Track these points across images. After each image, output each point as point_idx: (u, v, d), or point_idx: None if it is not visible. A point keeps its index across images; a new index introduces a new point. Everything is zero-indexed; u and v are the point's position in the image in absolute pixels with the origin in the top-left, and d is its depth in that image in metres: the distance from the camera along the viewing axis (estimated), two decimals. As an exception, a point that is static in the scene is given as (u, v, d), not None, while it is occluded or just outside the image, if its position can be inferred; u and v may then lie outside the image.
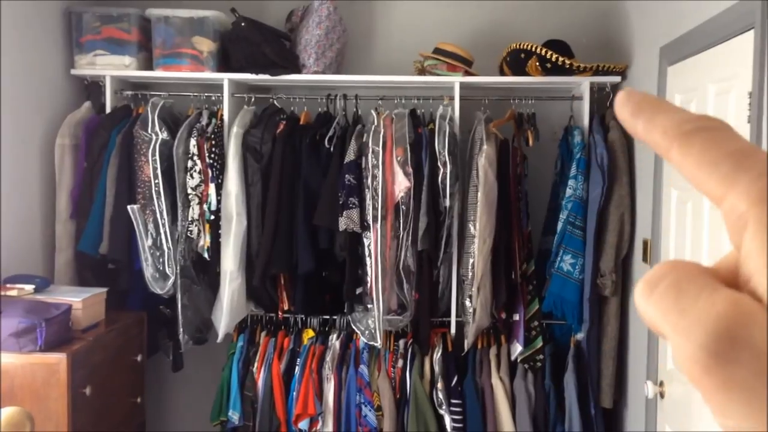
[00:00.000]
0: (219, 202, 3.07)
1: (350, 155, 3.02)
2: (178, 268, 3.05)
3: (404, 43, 3.48)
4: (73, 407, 2.42)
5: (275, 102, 3.34)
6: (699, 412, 2.16)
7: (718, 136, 0.26)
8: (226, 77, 3.22)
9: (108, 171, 3.08)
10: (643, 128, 0.28)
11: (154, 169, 3.03)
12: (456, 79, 3.16)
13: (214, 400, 3.24)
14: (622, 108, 0.29)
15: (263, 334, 3.31)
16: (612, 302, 3.00)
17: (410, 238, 2.99)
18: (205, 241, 3.09)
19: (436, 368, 3.14)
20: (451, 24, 3.47)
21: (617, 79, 3.13)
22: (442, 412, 3.08)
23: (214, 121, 3.20)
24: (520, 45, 3.12)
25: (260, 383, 3.17)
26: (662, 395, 2.48)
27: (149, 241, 3.07)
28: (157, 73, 3.26)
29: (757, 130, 1.78)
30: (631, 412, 2.98)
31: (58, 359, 2.40)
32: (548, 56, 3.08)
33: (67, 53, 3.26)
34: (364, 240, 3.03)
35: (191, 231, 3.08)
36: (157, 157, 3.03)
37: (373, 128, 3.05)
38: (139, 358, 3.02)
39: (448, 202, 2.99)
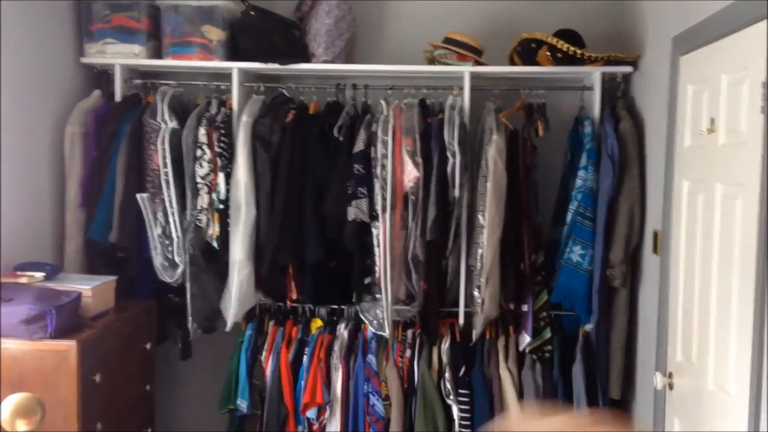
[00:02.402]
0: (228, 191, 3.07)
1: (359, 145, 3.02)
2: (187, 257, 3.06)
3: (414, 32, 3.46)
4: (82, 394, 2.44)
5: (284, 91, 3.33)
6: (708, 404, 2.15)
7: None
8: (235, 66, 3.22)
9: (117, 159, 3.08)
10: None
11: (164, 158, 3.03)
12: (466, 69, 3.14)
13: (223, 389, 3.26)
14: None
15: (272, 323, 3.32)
16: (621, 293, 2.99)
17: (419, 228, 2.99)
18: (214, 230, 3.10)
19: (444, 358, 3.14)
20: (461, 13, 3.45)
21: (629, 69, 3.11)
22: (449, 402, 3.09)
23: (223, 110, 3.19)
24: (530, 35, 3.10)
25: (268, 372, 3.18)
26: (671, 387, 2.47)
27: (158, 230, 3.08)
28: (167, 62, 3.25)
29: (771, 120, 1.76)
30: (640, 403, 2.97)
31: (68, 346, 2.41)
32: (559, 46, 3.06)
33: (77, 41, 3.27)
34: (373, 230, 3.02)
35: (200, 220, 3.08)
36: (167, 146, 3.03)
37: (382, 118, 3.04)
38: (148, 346, 3.03)
39: (457, 193, 2.98)
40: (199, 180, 3.08)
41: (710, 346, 2.13)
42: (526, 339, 3.12)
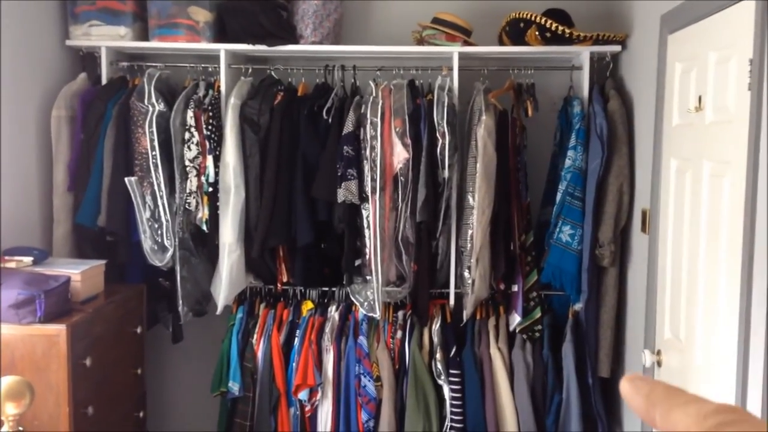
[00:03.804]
0: (217, 174, 3.06)
1: (348, 126, 3.01)
2: (176, 240, 3.05)
3: (402, 12, 3.44)
4: (73, 378, 2.44)
5: (272, 73, 3.31)
6: (696, 381, 2.17)
7: (743, 428, 0.27)
8: (222, 48, 3.19)
9: (105, 143, 3.06)
10: (661, 424, 0.28)
11: (151, 140, 3.01)
12: (455, 49, 3.13)
13: (214, 371, 3.26)
14: (632, 400, 0.29)
15: (262, 305, 3.32)
16: (610, 273, 3.01)
17: (409, 209, 2.99)
18: (203, 213, 3.09)
19: (435, 339, 3.15)
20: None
21: (617, 48, 3.10)
22: (440, 382, 3.10)
23: (211, 92, 3.17)
24: (519, 14, 3.08)
25: (260, 354, 3.19)
26: (659, 364, 2.49)
27: (147, 214, 3.07)
28: (153, 44, 3.22)
29: (758, 97, 1.77)
30: (629, 381, 2.99)
31: (58, 331, 2.41)
32: (548, 25, 3.04)
33: (62, 24, 3.23)
34: (363, 212, 3.02)
35: (189, 203, 3.07)
36: (154, 128, 3.01)
37: (371, 99, 3.03)
38: (138, 330, 3.03)
39: (446, 174, 2.98)
40: (187, 163, 3.07)
41: (698, 324, 2.15)
42: (516, 319, 3.14)
